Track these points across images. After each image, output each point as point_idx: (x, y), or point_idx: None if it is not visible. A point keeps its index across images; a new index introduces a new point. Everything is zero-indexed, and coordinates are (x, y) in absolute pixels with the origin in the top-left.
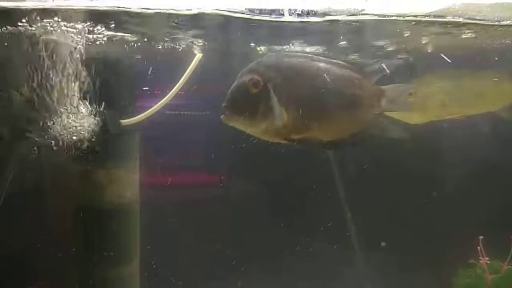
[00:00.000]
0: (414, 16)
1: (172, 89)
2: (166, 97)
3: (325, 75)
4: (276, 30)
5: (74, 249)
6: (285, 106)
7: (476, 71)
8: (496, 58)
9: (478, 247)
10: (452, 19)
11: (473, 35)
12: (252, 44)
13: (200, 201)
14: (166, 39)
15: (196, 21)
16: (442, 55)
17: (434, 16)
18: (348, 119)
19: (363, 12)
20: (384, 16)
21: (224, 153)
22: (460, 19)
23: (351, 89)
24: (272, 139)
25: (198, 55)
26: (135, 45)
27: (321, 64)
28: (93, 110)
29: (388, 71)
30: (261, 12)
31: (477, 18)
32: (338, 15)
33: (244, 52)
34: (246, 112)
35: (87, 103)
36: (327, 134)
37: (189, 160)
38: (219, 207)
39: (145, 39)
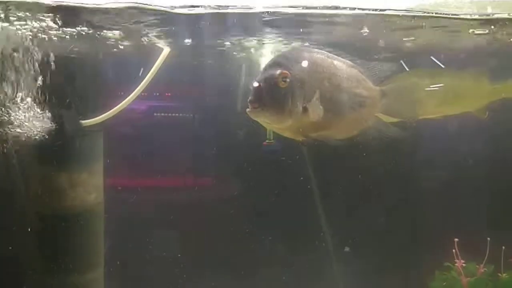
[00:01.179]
0: (393, 10)
1: (137, 86)
2: (131, 95)
3: (340, 73)
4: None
5: (33, 256)
6: (309, 102)
7: (454, 70)
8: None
9: (453, 250)
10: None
11: (449, 32)
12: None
13: (168, 204)
14: (132, 35)
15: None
16: (432, 58)
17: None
18: (357, 118)
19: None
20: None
21: (192, 153)
22: (434, 14)
23: (359, 89)
24: (292, 136)
25: (166, 50)
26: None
27: (336, 62)
28: (49, 110)
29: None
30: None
31: (450, 13)
32: (313, 9)
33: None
34: (275, 107)
35: (41, 102)
36: (340, 132)
37: (157, 161)
38: (189, 209)
39: (110, 35)
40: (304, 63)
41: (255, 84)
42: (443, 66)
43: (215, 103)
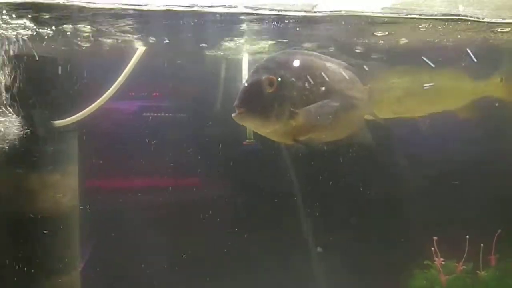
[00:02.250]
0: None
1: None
2: (105, 94)
3: (331, 76)
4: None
5: (2, 260)
6: (297, 106)
7: (434, 68)
8: (456, 56)
9: (432, 248)
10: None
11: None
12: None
13: (147, 206)
14: (107, 34)
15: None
16: (424, 58)
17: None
18: (348, 121)
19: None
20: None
21: (171, 154)
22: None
23: (352, 91)
24: (281, 139)
25: (141, 48)
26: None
27: (328, 64)
28: (19, 110)
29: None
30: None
31: (431, 14)
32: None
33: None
34: (261, 112)
35: (10, 102)
36: (329, 135)
37: (135, 162)
38: (168, 211)
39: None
40: (292, 67)
41: (242, 88)
42: (432, 65)
43: (193, 103)
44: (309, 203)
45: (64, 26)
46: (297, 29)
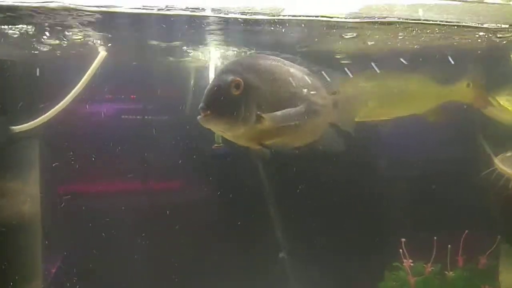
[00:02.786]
0: (334, 17)
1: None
2: (66, 98)
3: (296, 81)
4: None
5: None
6: (263, 110)
7: (401, 72)
8: (421, 60)
9: (400, 250)
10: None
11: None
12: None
13: (111, 212)
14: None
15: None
16: (401, 59)
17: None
18: (312, 127)
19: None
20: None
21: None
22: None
23: (315, 97)
24: (246, 143)
25: (102, 53)
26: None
27: (292, 70)
28: None
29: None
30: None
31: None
32: (257, 14)
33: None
34: (227, 115)
35: None
36: (294, 140)
37: (100, 167)
38: (135, 218)
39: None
40: (258, 70)
41: (207, 90)
42: (378, 71)
43: (158, 107)
44: (276, 208)
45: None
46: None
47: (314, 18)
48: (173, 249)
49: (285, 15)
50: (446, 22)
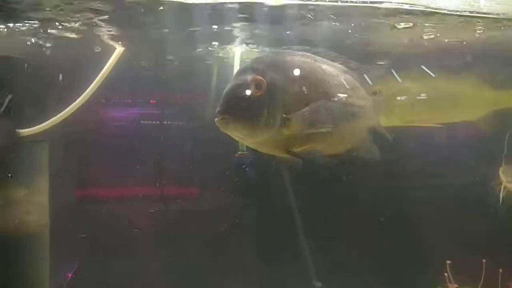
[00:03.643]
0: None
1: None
2: (79, 99)
3: (329, 80)
4: None
5: None
6: (290, 113)
7: (451, 73)
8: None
9: (446, 274)
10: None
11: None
12: None
13: (127, 225)
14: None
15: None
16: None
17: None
18: (349, 132)
19: None
20: None
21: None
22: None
23: (352, 98)
24: (271, 151)
25: (119, 49)
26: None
27: (325, 67)
28: None
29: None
30: None
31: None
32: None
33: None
34: (247, 118)
35: None
36: (328, 147)
37: (113, 174)
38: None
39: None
40: (283, 68)
41: (225, 91)
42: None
43: (178, 110)
44: (308, 224)
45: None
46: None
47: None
48: (189, 259)
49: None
50: None
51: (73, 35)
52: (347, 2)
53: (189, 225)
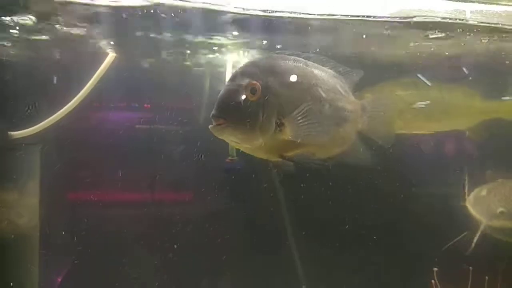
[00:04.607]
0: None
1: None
2: (71, 103)
3: (321, 84)
4: None
5: None
6: (283, 117)
7: (444, 82)
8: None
9: (432, 281)
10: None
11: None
12: None
13: (118, 228)
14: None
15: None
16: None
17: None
18: (339, 136)
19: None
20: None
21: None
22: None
23: (342, 102)
24: (265, 156)
25: (111, 55)
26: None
27: (316, 72)
28: None
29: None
30: None
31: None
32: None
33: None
34: (242, 123)
35: None
36: (319, 151)
37: (105, 178)
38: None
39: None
40: (278, 73)
41: (220, 96)
42: (428, 83)
43: (170, 114)
44: (298, 230)
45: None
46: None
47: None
48: (179, 264)
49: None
50: None
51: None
52: None
53: (177, 229)
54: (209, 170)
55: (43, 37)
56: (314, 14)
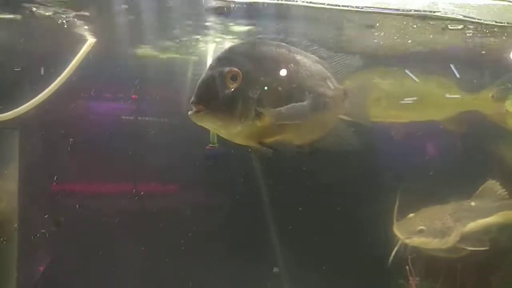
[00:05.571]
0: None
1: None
2: (50, 87)
3: (303, 71)
4: None
5: None
6: (264, 104)
7: (422, 73)
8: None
9: (407, 267)
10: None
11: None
12: None
13: (96, 213)
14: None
15: None
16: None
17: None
18: (320, 121)
19: None
20: None
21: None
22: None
23: (325, 88)
24: (244, 142)
25: (90, 40)
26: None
27: (299, 57)
28: None
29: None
30: None
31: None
32: None
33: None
34: (221, 110)
35: None
36: (300, 137)
37: (84, 164)
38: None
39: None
40: (259, 59)
41: (200, 82)
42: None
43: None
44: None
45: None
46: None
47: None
48: (159, 253)
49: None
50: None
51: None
52: None
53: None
54: (191, 158)
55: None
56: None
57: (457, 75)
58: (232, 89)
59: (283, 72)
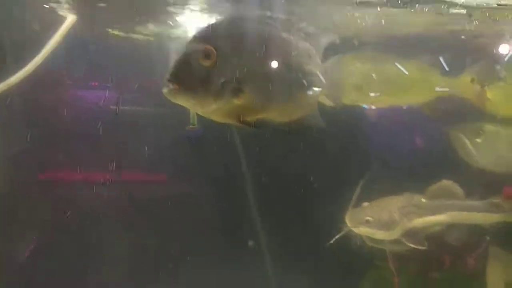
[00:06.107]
0: None
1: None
2: (25, 68)
3: (284, 47)
4: None
5: None
6: (242, 81)
7: (401, 57)
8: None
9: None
10: None
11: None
12: None
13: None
14: None
15: None
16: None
17: None
18: (303, 100)
19: None
20: None
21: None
22: None
23: (307, 65)
24: (223, 120)
25: (71, 17)
26: None
27: (280, 34)
28: None
29: None
30: None
31: None
32: None
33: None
34: (195, 88)
35: None
36: (282, 115)
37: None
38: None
39: None
40: (235, 35)
41: (174, 61)
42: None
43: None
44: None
45: None
46: None
47: None
48: (140, 240)
49: None
50: None
51: None
52: None
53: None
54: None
55: None
56: None
57: (437, 59)
58: (206, 67)
59: (263, 50)
